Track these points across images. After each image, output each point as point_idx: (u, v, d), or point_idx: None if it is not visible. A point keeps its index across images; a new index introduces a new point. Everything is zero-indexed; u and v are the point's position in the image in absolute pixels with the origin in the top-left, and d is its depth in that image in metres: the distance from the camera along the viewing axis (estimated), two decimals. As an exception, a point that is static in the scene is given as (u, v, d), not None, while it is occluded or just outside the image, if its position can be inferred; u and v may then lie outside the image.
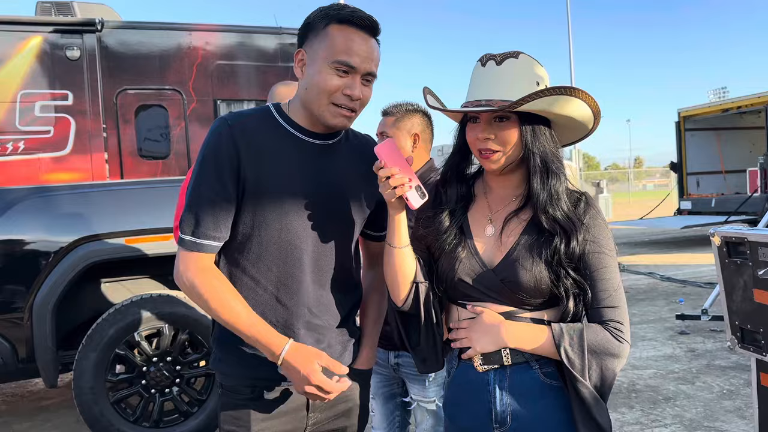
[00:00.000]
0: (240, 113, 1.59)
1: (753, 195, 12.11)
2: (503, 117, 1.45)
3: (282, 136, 1.55)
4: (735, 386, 4.39)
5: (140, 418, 3.69)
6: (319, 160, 1.57)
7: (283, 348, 1.47)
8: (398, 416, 2.45)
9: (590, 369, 1.40)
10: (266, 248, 1.52)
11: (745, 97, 13.20)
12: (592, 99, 1.45)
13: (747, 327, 2.37)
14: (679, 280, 8.70)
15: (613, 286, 1.45)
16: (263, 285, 1.54)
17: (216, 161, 1.48)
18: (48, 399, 4.86)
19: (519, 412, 1.47)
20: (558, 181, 1.46)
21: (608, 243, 1.48)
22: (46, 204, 3.69)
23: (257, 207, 1.50)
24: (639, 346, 5.52)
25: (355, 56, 1.48)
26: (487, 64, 1.47)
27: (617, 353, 1.41)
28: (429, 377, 2.27)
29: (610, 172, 51.05)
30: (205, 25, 4.89)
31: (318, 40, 1.50)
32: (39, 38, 4.32)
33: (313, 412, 1.62)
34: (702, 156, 14.43)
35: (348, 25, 1.48)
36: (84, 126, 4.39)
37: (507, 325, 1.45)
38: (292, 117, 1.58)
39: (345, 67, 1.47)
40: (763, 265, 2.23)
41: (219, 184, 1.48)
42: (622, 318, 1.44)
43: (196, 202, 1.49)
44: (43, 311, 3.54)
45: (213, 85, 4.79)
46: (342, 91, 1.48)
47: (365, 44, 1.50)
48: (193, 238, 1.48)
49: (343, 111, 1.51)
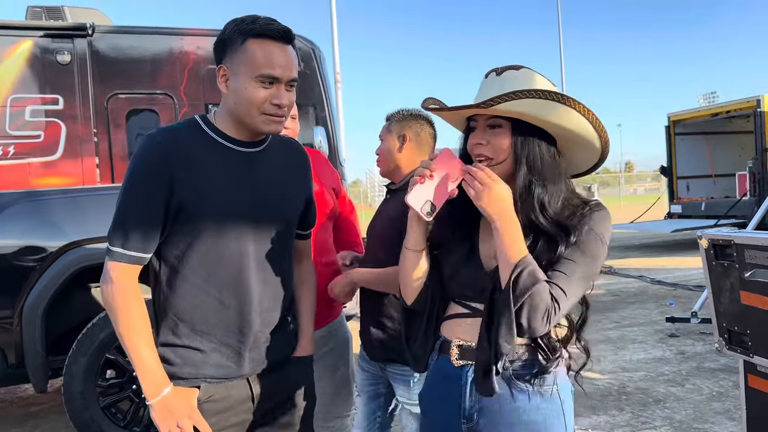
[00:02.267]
0: (168, 128, 1.67)
1: (742, 198, 12.20)
2: (496, 125, 1.47)
3: (212, 147, 1.60)
4: (724, 388, 4.42)
5: (131, 422, 3.68)
6: (250, 167, 1.64)
7: (162, 391, 1.55)
8: (379, 417, 2.43)
9: (521, 308, 1.36)
10: (206, 256, 1.58)
11: (734, 101, 13.29)
12: (585, 107, 1.43)
13: (734, 329, 2.39)
14: (669, 283, 8.75)
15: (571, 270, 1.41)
16: (206, 290, 1.59)
17: (145, 179, 1.54)
18: (38, 404, 4.83)
19: (486, 410, 1.48)
20: (544, 191, 1.45)
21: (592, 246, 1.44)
22: (36, 208, 3.69)
23: (194, 219, 1.56)
24: (629, 349, 5.54)
25: (277, 67, 1.54)
26: (489, 75, 1.51)
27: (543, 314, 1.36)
28: (414, 379, 2.26)
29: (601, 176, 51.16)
30: (196, 29, 4.88)
31: (237, 56, 1.55)
32: (29, 42, 4.31)
33: (257, 403, 1.69)
34: (692, 160, 14.51)
35: (264, 39, 1.54)
36: (75, 130, 4.37)
37: (510, 209, 1.41)
38: (219, 127, 1.62)
39: (269, 79, 1.54)
40: (750, 267, 2.25)
41: (147, 201, 1.54)
42: (568, 293, 1.39)
43: (124, 217, 1.55)
44: (32, 316, 3.53)
45: (204, 90, 4.77)
46: (270, 101, 1.55)
47: (283, 54, 1.56)
48: (122, 250, 1.54)
49: (274, 118, 1.58)
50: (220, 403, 1.64)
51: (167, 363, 1.61)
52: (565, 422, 1.49)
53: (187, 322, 1.61)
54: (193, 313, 1.60)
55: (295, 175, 1.76)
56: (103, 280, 1.57)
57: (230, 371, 1.64)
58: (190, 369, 1.61)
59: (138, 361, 1.55)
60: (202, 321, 1.60)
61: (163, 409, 1.54)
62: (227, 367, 1.63)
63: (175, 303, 1.60)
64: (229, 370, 1.63)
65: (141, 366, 1.55)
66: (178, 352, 1.61)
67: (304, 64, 4.90)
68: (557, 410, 1.49)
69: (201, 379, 1.62)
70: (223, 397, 1.64)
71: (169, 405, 1.55)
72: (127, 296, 1.56)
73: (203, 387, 1.62)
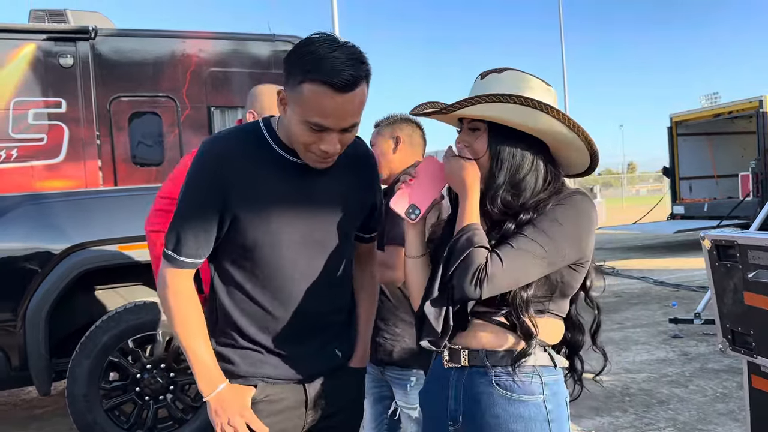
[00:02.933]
0: (227, 135, 1.62)
1: (745, 199, 12.17)
2: (475, 128, 1.50)
3: (269, 157, 1.56)
4: (728, 389, 4.41)
5: (134, 425, 3.68)
6: (307, 179, 1.57)
7: (217, 387, 1.56)
8: (386, 419, 2.45)
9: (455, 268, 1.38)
10: (257, 266, 1.58)
11: (736, 102, 13.26)
12: (550, 107, 1.42)
13: (738, 329, 2.39)
14: (672, 284, 8.73)
15: (518, 243, 1.39)
16: (255, 300, 1.59)
17: (200, 186, 1.54)
18: (41, 407, 4.83)
19: (469, 414, 1.49)
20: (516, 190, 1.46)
21: (547, 225, 1.41)
22: (39, 211, 3.68)
23: (247, 228, 1.54)
24: (632, 350, 5.54)
25: (330, 118, 1.42)
26: (475, 80, 1.55)
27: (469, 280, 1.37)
28: (411, 383, 2.27)
29: (604, 177, 51.11)
30: (198, 32, 4.89)
31: (293, 93, 1.43)
32: (32, 46, 4.32)
33: (311, 410, 1.67)
34: (694, 161, 14.48)
35: (322, 86, 1.37)
36: (77, 133, 4.38)
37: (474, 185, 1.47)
38: (280, 136, 1.57)
39: (318, 127, 1.43)
40: (753, 267, 2.25)
41: (200, 212, 1.53)
42: (506, 262, 1.37)
43: (179, 222, 1.55)
44: (36, 318, 3.53)
45: (207, 93, 4.79)
46: (318, 145, 1.46)
47: (341, 104, 1.40)
48: (175, 254, 1.55)
49: (320, 160, 1.51)
50: (276, 404, 1.63)
51: (226, 361, 1.61)
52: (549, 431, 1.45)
53: (241, 327, 1.61)
54: (245, 320, 1.60)
55: (359, 181, 1.67)
56: (160, 283, 1.60)
57: (288, 373, 1.63)
58: (248, 367, 1.62)
59: (194, 359, 1.56)
60: (253, 328, 1.61)
61: (218, 405, 1.55)
62: (285, 368, 1.63)
63: (228, 308, 1.61)
64: (287, 371, 1.63)
65: (197, 363, 1.56)
66: (237, 351, 1.62)
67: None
68: (542, 418, 1.45)
69: (258, 378, 1.62)
70: (279, 399, 1.63)
71: (223, 402, 1.55)
72: (182, 299, 1.57)
73: (260, 386, 1.62)
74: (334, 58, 1.37)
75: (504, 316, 1.45)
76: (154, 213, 2.56)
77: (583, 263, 1.49)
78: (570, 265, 1.46)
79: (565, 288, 1.48)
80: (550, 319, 1.50)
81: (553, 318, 1.51)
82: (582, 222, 1.45)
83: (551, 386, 1.48)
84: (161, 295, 1.60)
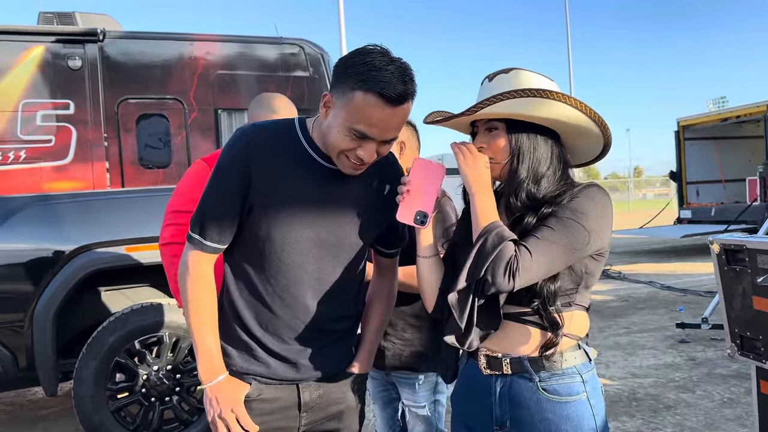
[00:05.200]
0: (263, 126, 1.64)
1: (753, 204, 12.12)
2: (492, 128, 1.53)
3: (299, 156, 1.57)
4: (736, 394, 4.38)
5: (140, 426, 3.68)
6: (332, 184, 1.58)
7: (217, 377, 1.58)
8: (398, 421, 2.45)
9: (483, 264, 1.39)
10: (267, 262, 1.58)
11: (744, 106, 13.23)
12: (567, 96, 1.47)
13: (746, 334, 2.38)
14: (679, 288, 8.69)
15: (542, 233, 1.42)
16: (259, 292, 1.60)
17: (227, 174, 1.55)
18: (48, 408, 4.84)
19: (517, 419, 1.52)
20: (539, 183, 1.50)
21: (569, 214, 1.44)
22: (47, 212, 3.70)
23: (263, 223, 1.55)
24: (639, 355, 5.51)
25: (374, 128, 1.44)
26: (483, 82, 1.58)
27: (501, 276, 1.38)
28: (419, 381, 2.27)
29: (610, 182, 51.04)
30: (205, 35, 4.91)
31: (342, 99, 1.45)
32: (41, 48, 4.34)
33: (305, 412, 1.67)
34: (701, 165, 14.44)
35: (374, 96, 1.40)
36: (85, 135, 4.40)
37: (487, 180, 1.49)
38: (313, 137, 1.59)
39: (361, 135, 1.45)
40: (762, 272, 2.24)
41: (226, 197, 1.55)
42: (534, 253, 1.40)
43: (206, 207, 1.58)
44: (43, 319, 3.54)
45: (214, 95, 4.80)
46: (356, 152, 1.48)
47: (388, 117, 1.43)
48: (200, 238, 1.57)
49: (353, 166, 1.52)
50: (268, 404, 1.63)
51: (223, 354, 1.63)
52: (596, 425, 1.51)
53: (244, 321, 1.62)
54: (248, 314, 1.61)
55: (383, 196, 1.66)
56: (181, 266, 1.61)
57: (282, 374, 1.63)
58: (243, 363, 1.63)
59: (200, 345, 1.58)
60: (254, 323, 1.61)
61: (213, 395, 1.57)
62: (279, 369, 1.63)
63: (236, 302, 1.62)
64: (281, 372, 1.63)
65: (201, 349, 1.58)
66: (235, 346, 1.63)
67: (313, 69, 4.92)
68: (588, 415, 1.51)
69: (251, 376, 1.63)
70: (272, 398, 1.64)
71: (219, 393, 1.57)
72: (199, 283, 1.59)
73: (254, 384, 1.63)
74: (389, 72, 1.40)
75: (536, 314, 1.48)
76: (165, 228, 2.59)
77: (604, 253, 1.53)
78: (592, 255, 1.49)
79: (589, 278, 1.52)
80: (577, 311, 1.53)
81: (579, 310, 1.54)
82: (601, 211, 1.48)
83: (591, 382, 1.54)
84: (179, 277, 1.61)
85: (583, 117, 1.50)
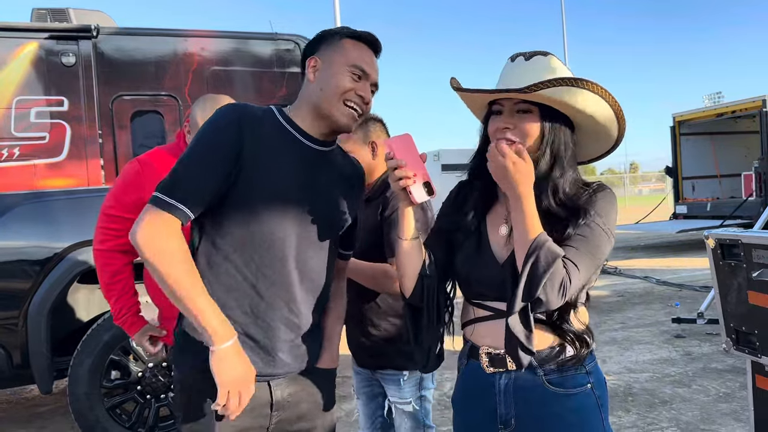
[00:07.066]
0: (247, 104, 1.64)
1: (748, 199, 12.15)
2: (526, 110, 1.47)
3: (283, 135, 1.62)
4: (731, 389, 4.40)
5: (136, 423, 3.68)
6: (314, 164, 1.65)
7: (228, 340, 1.47)
8: (380, 417, 2.44)
9: (538, 283, 1.37)
10: (251, 237, 1.56)
11: (739, 101, 13.25)
12: (612, 96, 1.45)
13: (742, 329, 2.38)
14: (675, 283, 8.71)
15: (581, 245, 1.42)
16: (243, 272, 1.56)
17: (216, 142, 1.53)
18: (43, 405, 4.83)
19: (523, 415, 1.50)
20: (563, 177, 1.48)
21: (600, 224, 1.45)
22: (41, 210, 3.69)
23: (248, 197, 1.54)
24: (635, 350, 5.52)
25: (368, 66, 1.64)
26: (516, 59, 1.51)
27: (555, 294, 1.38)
28: (403, 377, 2.26)
29: (606, 177, 51.04)
30: (200, 31, 4.89)
31: (332, 49, 1.63)
32: (34, 44, 4.32)
33: (276, 411, 1.65)
34: (697, 160, 14.48)
35: (360, 41, 1.65)
36: (80, 132, 4.38)
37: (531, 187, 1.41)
38: (294, 119, 1.65)
39: (360, 72, 1.62)
40: (757, 266, 2.24)
41: (212, 162, 1.50)
42: (580, 267, 1.40)
43: (184, 171, 1.50)
44: (37, 317, 3.53)
45: (209, 91, 4.77)
46: (356, 91, 1.61)
47: (373, 59, 1.68)
48: (170, 200, 1.46)
49: (352, 111, 1.61)
50: None
51: (187, 354, 1.58)
52: (602, 416, 1.51)
53: (225, 304, 1.53)
54: (227, 296, 1.55)
55: (350, 190, 1.76)
56: (138, 231, 1.44)
57: (257, 369, 1.56)
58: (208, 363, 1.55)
59: (201, 305, 1.45)
60: (234, 306, 1.56)
61: (225, 361, 1.46)
62: (256, 363, 1.56)
63: (211, 281, 1.54)
64: (257, 367, 1.56)
65: (205, 310, 1.45)
66: (199, 345, 1.52)
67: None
68: (593, 405, 1.51)
69: None
70: None
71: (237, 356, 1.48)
72: (177, 239, 1.45)
73: None
74: (364, 31, 1.67)
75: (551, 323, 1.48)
76: (100, 231, 2.46)
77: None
78: None
79: (596, 274, 1.52)
80: (580, 307, 1.53)
81: (581, 305, 1.54)
82: (615, 216, 1.51)
83: (594, 373, 1.54)
84: (150, 241, 1.43)
85: (610, 114, 1.48)
